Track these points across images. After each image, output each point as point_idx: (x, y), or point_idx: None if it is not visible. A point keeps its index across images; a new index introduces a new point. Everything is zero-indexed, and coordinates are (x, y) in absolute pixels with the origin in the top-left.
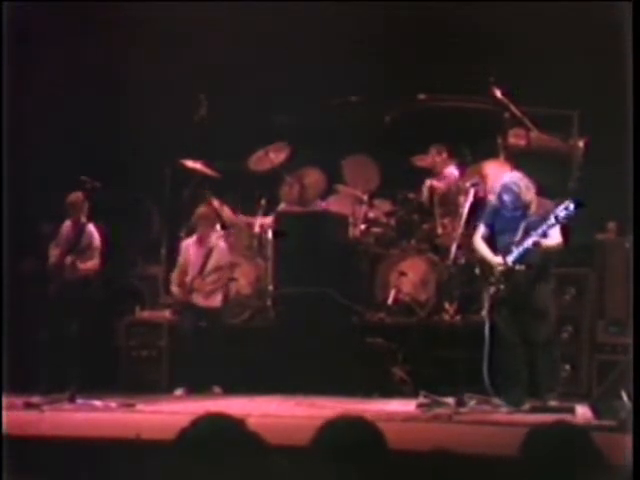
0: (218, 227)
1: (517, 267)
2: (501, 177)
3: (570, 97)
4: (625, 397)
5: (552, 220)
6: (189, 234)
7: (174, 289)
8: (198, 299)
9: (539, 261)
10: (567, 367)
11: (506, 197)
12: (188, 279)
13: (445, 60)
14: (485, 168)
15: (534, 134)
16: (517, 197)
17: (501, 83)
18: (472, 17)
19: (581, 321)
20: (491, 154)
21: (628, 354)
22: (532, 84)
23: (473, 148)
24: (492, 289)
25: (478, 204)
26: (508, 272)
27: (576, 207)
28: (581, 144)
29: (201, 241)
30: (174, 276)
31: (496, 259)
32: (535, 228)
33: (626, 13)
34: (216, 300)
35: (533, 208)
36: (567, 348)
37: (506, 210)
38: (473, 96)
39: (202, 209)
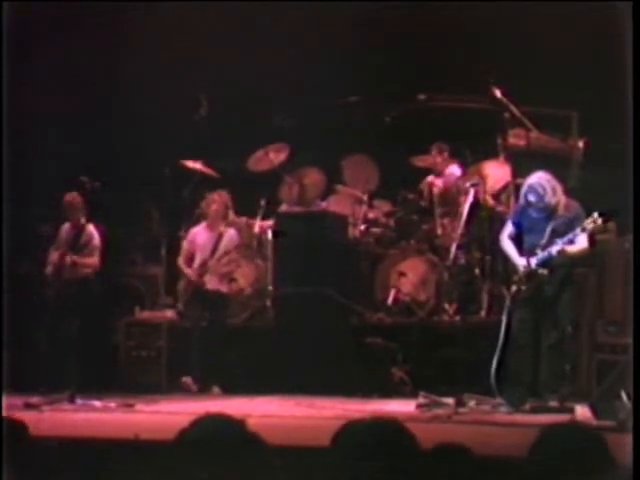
0: (231, 214)
1: (540, 271)
2: (497, 179)
3: (570, 97)
4: (625, 397)
5: (579, 231)
6: (196, 223)
7: (187, 271)
8: (211, 283)
9: (564, 266)
10: (567, 367)
11: (531, 197)
12: (198, 262)
13: (445, 60)
14: (485, 168)
15: (534, 134)
16: (541, 199)
17: (501, 83)
18: (472, 17)
19: (581, 321)
20: (491, 154)
21: (628, 354)
22: (532, 84)
23: (473, 148)
24: (513, 288)
25: (478, 204)
26: (531, 274)
27: (605, 220)
28: (581, 144)
29: (210, 227)
30: (180, 261)
31: (520, 260)
32: (562, 232)
33: (626, 13)
34: (223, 284)
35: (560, 210)
36: (567, 348)
37: (532, 210)
38: (473, 96)
39: (212, 197)
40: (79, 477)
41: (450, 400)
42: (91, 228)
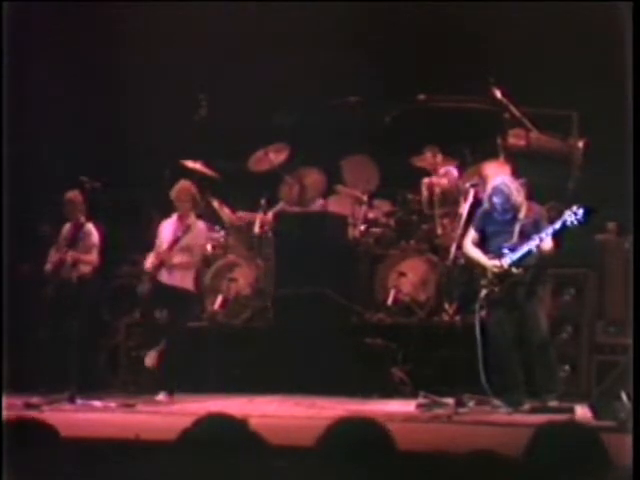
0: (221, 207)
1: (514, 270)
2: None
3: (570, 97)
4: (624, 397)
5: (559, 224)
6: (168, 215)
7: (147, 265)
8: (164, 276)
9: (534, 264)
10: (566, 367)
11: (496, 199)
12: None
13: (445, 60)
14: (485, 169)
15: (534, 134)
16: (507, 199)
17: (501, 83)
18: (472, 17)
19: (580, 321)
20: (491, 155)
21: (627, 354)
22: (532, 84)
23: (473, 149)
24: (484, 291)
25: (478, 205)
26: (504, 274)
27: (585, 213)
28: (581, 144)
29: (180, 220)
30: (149, 256)
31: (491, 262)
32: (530, 231)
33: (626, 13)
34: (187, 281)
35: (523, 211)
36: (566, 348)
37: (497, 213)
38: (473, 96)
39: (181, 184)
40: (79, 477)
41: (450, 400)
42: (90, 227)
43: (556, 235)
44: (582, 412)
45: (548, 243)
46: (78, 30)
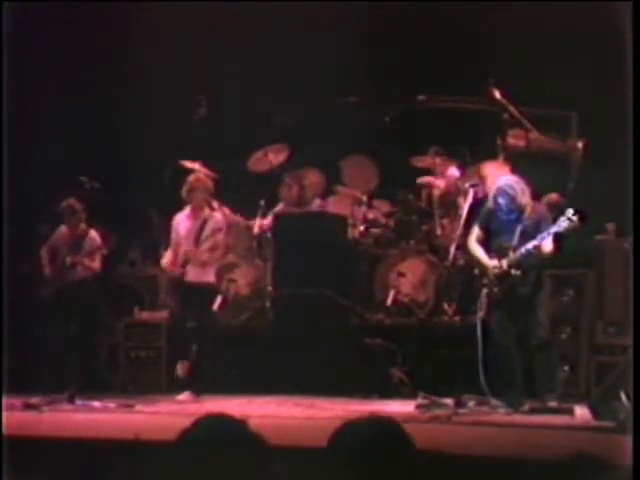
0: (220, 208)
1: (513, 271)
2: (497, 179)
3: (569, 98)
4: (624, 398)
5: (554, 229)
6: (180, 209)
7: (165, 264)
8: (192, 273)
9: (534, 266)
10: (566, 368)
11: (501, 200)
12: (182, 251)
13: (445, 60)
14: (484, 169)
15: (533, 135)
16: (512, 200)
17: (500, 84)
18: (472, 17)
19: (580, 322)
20: (490, 155)
21: (627, 355)
22: (532, 84)
23: (472, 149)
24: (485, 291)
25: (477, 205)
26: (503, 275)
27: (580, 219)
28: (580, 145)
29: (194, 212)
30: (166, 254)
31: (491, 262)
32: (531, 232)
33: (626, 13)
34: (210, 275)
35: (528, 211)
36: (566, 349)
37: (502, 213)
38: (472, 97)
39: (193, 177)
40: (79, 477)
41: (449, 401)
42: (93, 233)
43: (556, 239)
44: (581, 412)
45: (548, 246)
46: (78, 30)
